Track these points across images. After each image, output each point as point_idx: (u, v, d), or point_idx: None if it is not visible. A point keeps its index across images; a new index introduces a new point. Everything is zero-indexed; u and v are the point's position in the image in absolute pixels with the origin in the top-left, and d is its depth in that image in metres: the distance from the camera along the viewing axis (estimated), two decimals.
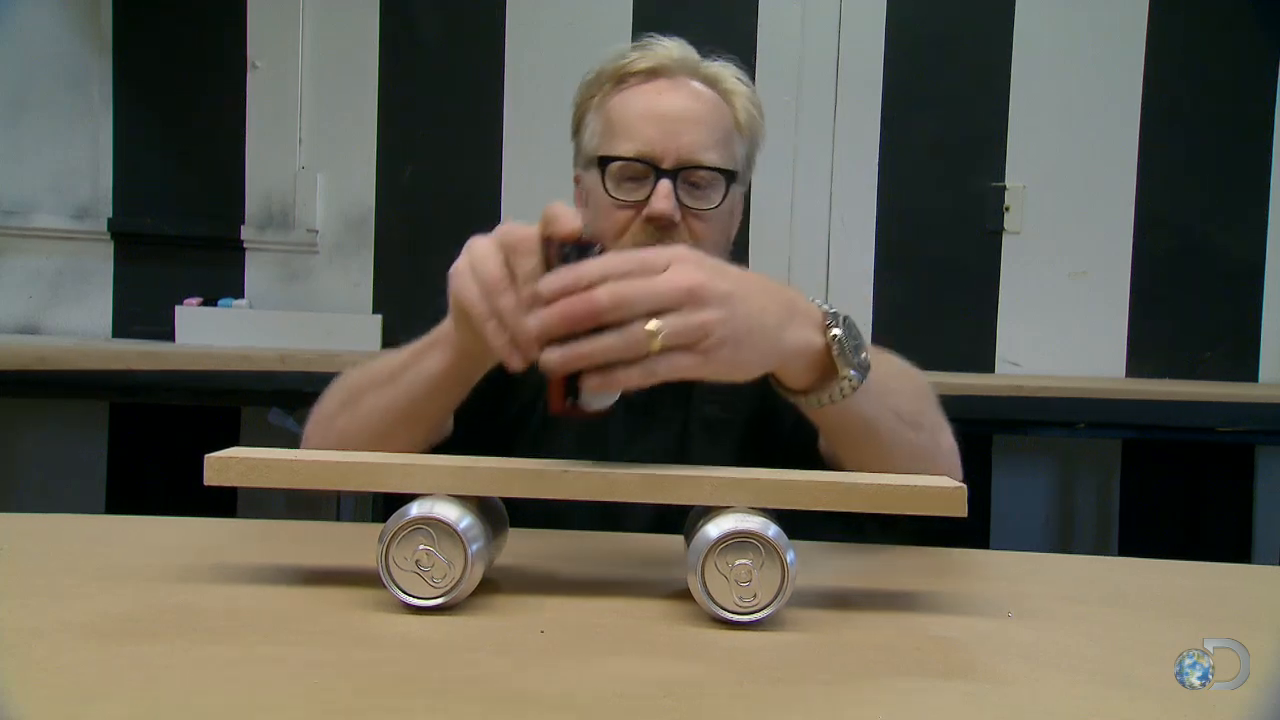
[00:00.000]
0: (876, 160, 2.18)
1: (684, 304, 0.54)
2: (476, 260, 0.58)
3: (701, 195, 0.90)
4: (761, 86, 2.19)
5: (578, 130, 0.99)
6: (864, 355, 0.63)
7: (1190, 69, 2.16)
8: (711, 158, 0.90)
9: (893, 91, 2.17)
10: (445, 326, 0.70)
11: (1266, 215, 2.17)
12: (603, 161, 0.90)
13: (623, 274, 0.54)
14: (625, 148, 0.89)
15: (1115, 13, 2.17)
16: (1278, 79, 2.15)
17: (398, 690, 0.41)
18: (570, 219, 0.56)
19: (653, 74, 0.93)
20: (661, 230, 0.88)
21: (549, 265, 0.56)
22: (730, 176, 0.92)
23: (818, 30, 2.17)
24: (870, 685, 0.44)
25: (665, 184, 0.88)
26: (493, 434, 0.84)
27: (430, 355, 0.72)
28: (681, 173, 0.89)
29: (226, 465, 0.54)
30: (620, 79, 0.94)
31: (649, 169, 0.89)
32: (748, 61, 2.15)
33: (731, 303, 0.55)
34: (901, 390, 0.71)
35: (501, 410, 0.91)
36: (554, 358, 0.53)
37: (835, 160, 2.18)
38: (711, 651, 0.48)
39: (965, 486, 0.54)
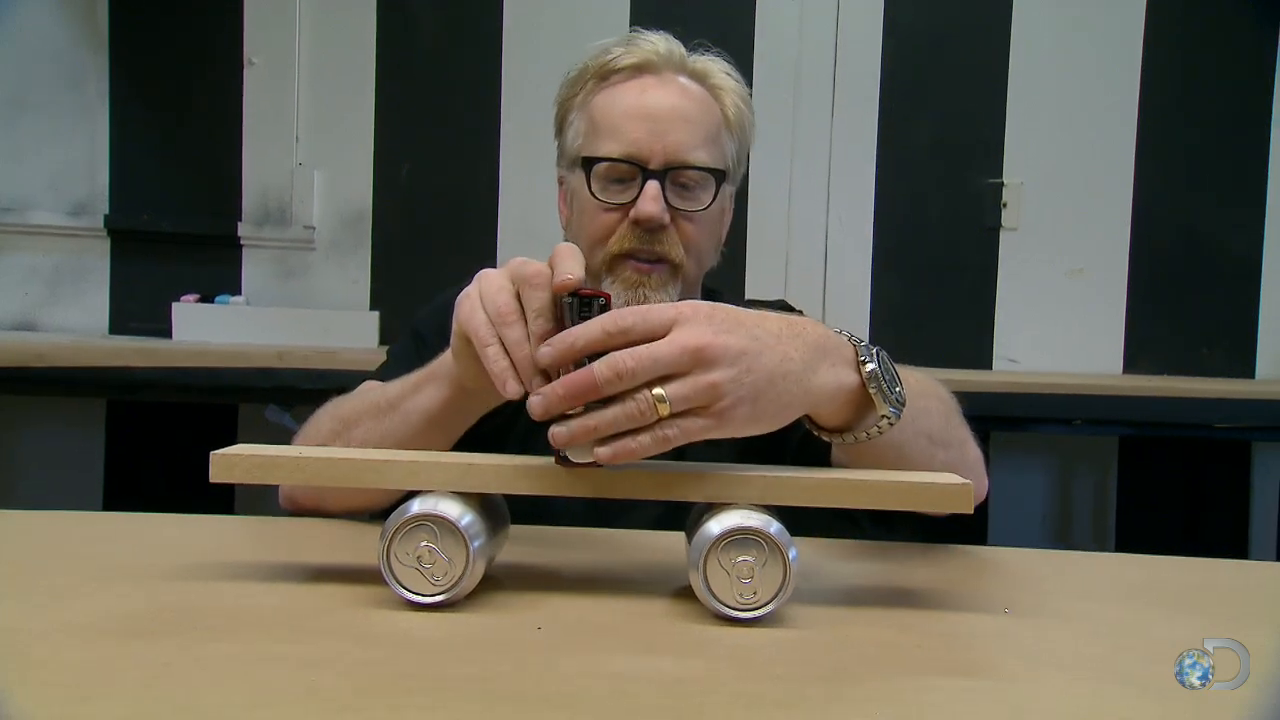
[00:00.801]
0: (874, 157, 2.18)
1: (691, 367, 0.52)
2: (487, 291, 0.57)
3: (691, 196, 0.88)
4: (759, 84, 2.19)
5: (561, 130, 0.96)
6: (899, 389, 0.61)
7: (1188, 65, 2.16)
8: (700, 157, 0.87)
9: (890, 88, 2.17)
10: (444, 360, 0.68)
11: (1264, 212, 2.17)
12: (587, 163, 0.88)
13: (622, 331, 0.52)
14: (610, 148, 0.87)
15: (1113, 9, 2.16)
16: (1275, 76, 2.15)
17: (398, 687, 0.41)
18: (569, 270, 0.53)
19: (638, 70, 0.90)
20: (650, 233, 0.86)
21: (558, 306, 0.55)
22: (720, 176, 0.89)
23: (815, 27, 2.16)
24: (871, 682, 0.45)
25: (653, 185, 0.85)
26: (480, 436, 0.81)
27: (426, 389, 0.70)
28: (670, 173, 0.86)
29: (232, 462, 0.54)
30: (604, 76, 0.91)
31: (636, 170, 0.86)
32: (745, 60, 2.16)
33: (745, 358, 0.53)
34: (930, 410, 0.68)
35: (491, 413, 0.89)
36: (560, 434, 0.52)
37: (833, 158, 2.18)
38: (713, 648, 0.48)
39: (971, 483, 0.54)
